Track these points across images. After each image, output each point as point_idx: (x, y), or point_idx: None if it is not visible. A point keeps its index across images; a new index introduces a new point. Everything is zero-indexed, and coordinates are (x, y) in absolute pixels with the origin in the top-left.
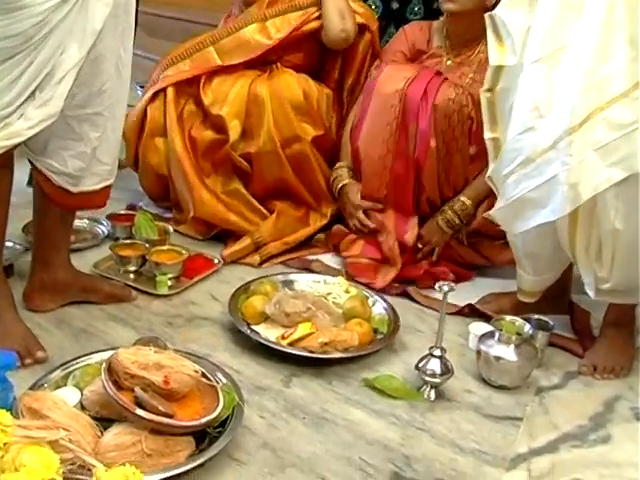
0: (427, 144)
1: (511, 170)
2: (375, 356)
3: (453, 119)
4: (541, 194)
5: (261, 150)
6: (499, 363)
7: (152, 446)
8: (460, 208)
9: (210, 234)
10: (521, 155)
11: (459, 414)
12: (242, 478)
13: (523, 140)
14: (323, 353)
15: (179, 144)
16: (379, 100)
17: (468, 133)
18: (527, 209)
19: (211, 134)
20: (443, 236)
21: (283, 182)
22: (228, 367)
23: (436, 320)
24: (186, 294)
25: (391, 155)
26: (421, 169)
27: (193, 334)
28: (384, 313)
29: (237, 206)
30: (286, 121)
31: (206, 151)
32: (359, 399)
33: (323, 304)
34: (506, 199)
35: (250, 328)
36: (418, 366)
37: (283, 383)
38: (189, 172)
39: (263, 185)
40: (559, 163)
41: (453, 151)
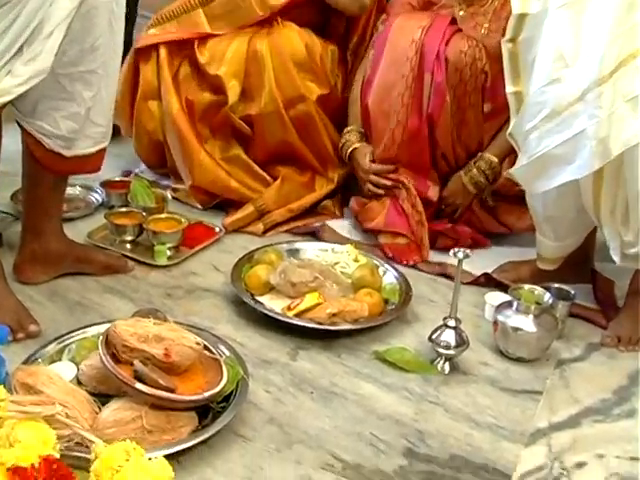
0: (442, 98)
1: (534, 125)
2: (386, 328)
3: (465, 73)
4: (567, 150)
5: (262, 112)
6: (517, 334)
7: (153, 422)
8: (486, 166)
9: (211, 204)
10: (545, 108)
11: (475, 388)
12: (247, 455)
13: (548, 92)
14: (331, 325)
15: (175, 106)
16: (393, 53)
17: (482, 89)
18: (551, 166)
19: (209, 96)
20: (467, 196)
21: (287, 146)
22: (232, 340)
23: (450, 290)
24: (186, 264)
25: (405, 109)
26: (435, 125)
27: (194, 306)
28: (395, 282)
29: (238, 173)
30: (288, 79)
31: (204, 114)
32: (369, 372)
33: (331, 273)
34: (528, 156)
35: (254, 299)
36: (431, 338)
37: (289, 356)
38: (187, 135)
39: (265, 149)
40: (587, 116)
41: (465, 107)
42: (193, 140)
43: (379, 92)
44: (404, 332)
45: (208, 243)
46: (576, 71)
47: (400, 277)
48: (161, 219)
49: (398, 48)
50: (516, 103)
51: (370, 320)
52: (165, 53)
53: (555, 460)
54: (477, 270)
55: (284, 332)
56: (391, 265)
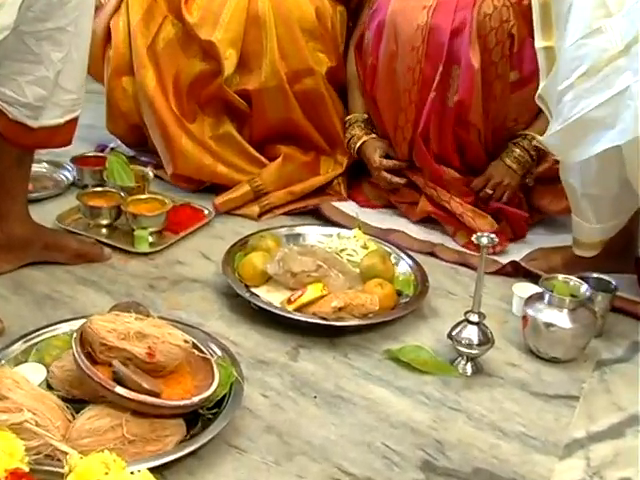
0: (471, 81)
1: (570, 84)
2: (399, 323)
3: (490, 40)
4: (607, 112)
5: (263, 86)
6: (550, 331)
7: (135, 431)
8: (530, 145)
9: (198, 188)
10: (583, 64)
11: (501, 392)
12: (242, 468)
13: (586, 45)
14: (337, 320)
15: (151, 83)
16: (393, 43)
17: (509, 55)
18: (589, 132)
19: (198, 64)
20: (514, 177)
21: (289, 124)
22: (224, 338)
23: (472, 280)
24: (171, 252)
25: (414, 108)
26: (467, 110)
27: (180, 299)
28: (410, 272)
29: (228, 154)
30: (295, 49)
31: (192, 86)
32: (381, 374)
33: (336, 261)
34: (562, 121)
35: (249, 291)
36: (451, 335)
37: (289, 356)
38: (165, 118)
39: (264, 128)
40: (631, 73)
41: (491, 79)
42: (172, 124)
43: (384, 86)
44: (420, 328)
45: (196, 227)
46: (620, 20)
47: (415, 266)
48: (142, 200)
49: (400, 36)
50: (547, 61)
51: (381, 315)
52: (140, 15)
53: (594, 475)
54: (503, 258)
55: (283, 329)
56: (405, 252)
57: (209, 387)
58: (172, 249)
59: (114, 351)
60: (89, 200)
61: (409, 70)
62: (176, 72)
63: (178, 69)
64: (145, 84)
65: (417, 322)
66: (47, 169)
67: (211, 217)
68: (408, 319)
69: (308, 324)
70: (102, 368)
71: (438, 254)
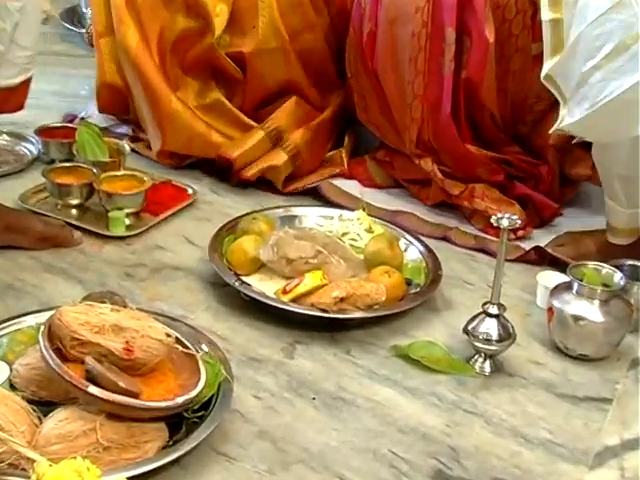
0: (483, 56)
1: (595, 65)
2: (409, 316)
3: (510, 9)
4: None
5: (260, 48)
6: (579, 325)
7: (111, 436)
8: None
9: (182, 163)
10: (610, 42)
11: (524, 393)
12: (231, 478)
13: (610, 21)
14: (338, 312)
15: (133, 40)
16: (392, 4)
17: (531, 26)
18: (623, 114)
19: (182, 20)
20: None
21: (289, 87)
22: (211, 332)
23: (491, 268)
24: (150, 236)
25: (422, 78)
26: (478, 87)
27: (162, 289)
28: (420, 259)
29: (218, 125)
30: (296, 2)
31: (175, 46)
32: (388, 374)
33: (338, 247)
34: (590, 105)
35: (239, 280)
36: (467, 329)
37: (285, 353)
38: (153, 79)
39: (258, 94)
40: None
41: (511, 53)
42: (161, 84)
43: (385, 55)
44: (432, 322)
45: (179, 208)
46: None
47: (427, 252)
48: (117, 177)
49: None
50: (554, 35)
51: (388, 307)
52: None
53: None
54: (527, 243)
55: (278, 322)
56: (415, 237)
57: (194, 387)
58: (152, 233)
59: (87, 346)
60: (57, 177)
61: (413, 36)
62: (160, 29)
63: (162, 25)
64: (126, 42)
65: (429, 315)
66: (8, 142)
67: (196, 197)
68: (418, 311)
69: (306, 317)
70: (73, 366)
71: (452, 239)
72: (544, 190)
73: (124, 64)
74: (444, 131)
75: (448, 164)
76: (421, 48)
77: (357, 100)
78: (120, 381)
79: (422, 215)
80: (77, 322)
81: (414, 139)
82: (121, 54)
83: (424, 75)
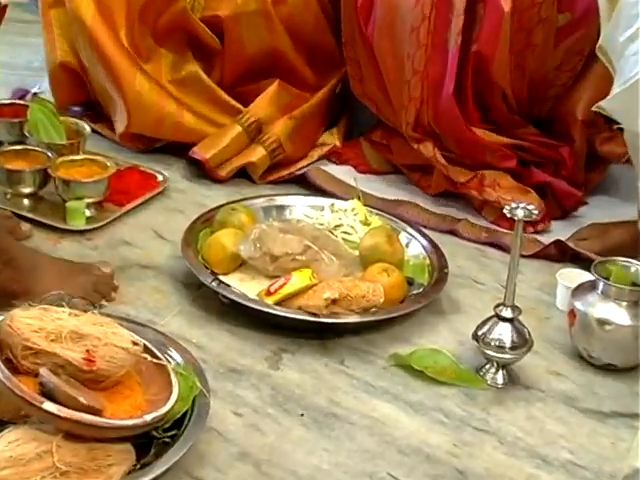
0: (496, 28)
1: (632, 34)
2: (411, 321)
3: None
4: None
5: (238, 12)
6: (604, 330)
7: (69, 459)
8: None
9: (151, 146)
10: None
11: (542, 409)
12: None
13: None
14: (330, 316)
15: (89, 11)
16: None
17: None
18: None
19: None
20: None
21: (273, 57)
22: (185, 339)
23: (505, 265)
24: (115, 229)
25: (423, 52)
26: (490, 60)
27: (128, 291)
28: (424, 255)
29: (193, 102)
30: None
31: (144, 12)
32: (386, 386)
33: (329, 241)
34: (624, 81)
35: (217, 280)
36: (477, 335)
37: (269, 363)
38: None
39: (239, 66)
40: None
41: (532, 25)
42: (122, 60)
43: (383, 22)
44: (437, 327)
45: (147, 198)
46: None
47: (431, 247)
48: (76, 162)
49: None
50: (609, 2)
51: (387, 310)
52: None
53: None
54: (545, 237)
55: (261, 328)
56: (417, 230)
57: (165, 402)
58: (116, 226)
59: (42, 356)
60: (6, 162)
61: (417, 3)
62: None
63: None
64: (80, 14)
65: (433, 319)
66: None
67: (166, 184)
68: (421, 315)
69: (293, 322)
70: (26, 379)
71: (460, 232)
72: (566, 175)
73: (79, 40)
74: (446, 113)
75: (452, 149)
76: (425, 17)
77: (351, 70)
78: (80, 396)
79: (426, 205)
80: (30, 329)
81: (411, 121)
82: (75, 28)
83: (426, 48)
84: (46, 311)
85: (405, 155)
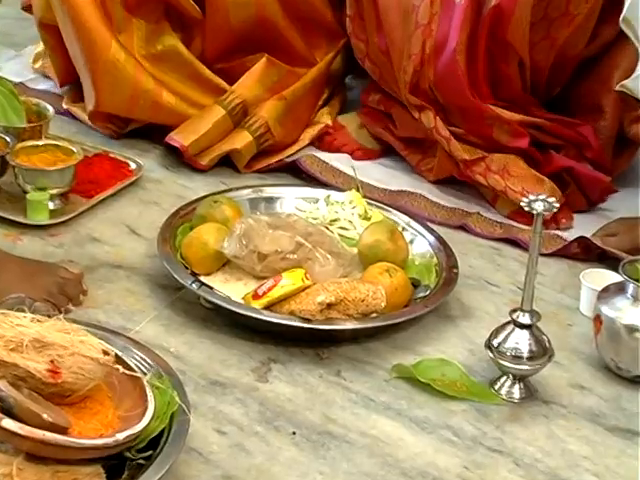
0: None
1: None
2: (416, 327)
3: None
4: None
5: None
6: (634, 338)
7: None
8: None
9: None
10: None
11: (564, 426)
12: None
13: None
14: (325, 322)
15: None
16: None
17: None
18: None
19: None
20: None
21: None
22: (161, 348)
23: (522, 265)
24: (82, 224)
25: (429, 2)
26: (504, 24)
27: (97, 294)
28: (430, 253)
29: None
30: None
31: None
32: (388, 401)
33: (324, 238)
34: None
35: (198, 281)
36: (491, 344)
37: (257, 375)
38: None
39: (222, 39)
40: None
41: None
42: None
43: None
44: (446, 334)
45: (119, 189)
46: None
47: (439, 244)
48: (38, 148)
49: None
50: None
51: (389, 315)
52: None
53: None
54: (568, 233)
55: (247, 335)
56: (424, 225)
57: (140, 419)
58: (83, 220)
59: (0, 368)
60: None
61: None
62: None
63: None
64: None
65: (441, 325)
66: None
67: (141, 173)
68: (428, 321)
69: (283, 328)
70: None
71: (472, 227)
72: (591, 158)
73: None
74: (448, 74)
75: (457, 123)
76: None
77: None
78: (43, 412)
79: (433, 197)
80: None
81: (409, 80)
82: None
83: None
84: (5, 316)
85: (404, 126)
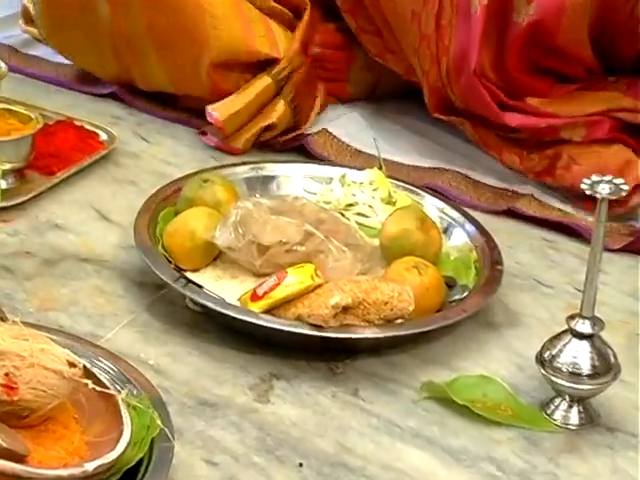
0: None
1: None
2: (451, 336)
3: None
4: None
5: None
6: None
7: None
8: None
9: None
10: None
11: (633, 459)
12: None
13: None
14: (340, 330)
15: None
16: None
17: None
18: None
19: None
20: None
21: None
22: (139, 360)
23: (582, 262)
24: (42, 207)
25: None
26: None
27: (60, 293)
28: (470, 246)
29: None
30: None
31: None
32: (417, 426)
33: (339, 226)
34: None
35: (184, 278)
36: (543, 358)
37: (255, 393)
38: None
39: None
40: None
41: None
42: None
43: None
44: (487, 346)
45: (87, 164)
46: None
47: (479, 235)
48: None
49: None
50: None
51: (418, 321)
52: None
53: None
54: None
55: (245, 345)
56: (461, 211)
57: (113, 446)
58: (43, 202)
59: None
60: None
61: None
62: None
63: None
64: None
65: (482, 334)
66: None
67: (113, 145)
68: (466, 329)
69: (289, 337)
70: None
71: (523, 211)
72: None
73: None
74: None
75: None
76: None
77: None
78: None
79: (474, 174)
80: None
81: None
82: None
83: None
84: None
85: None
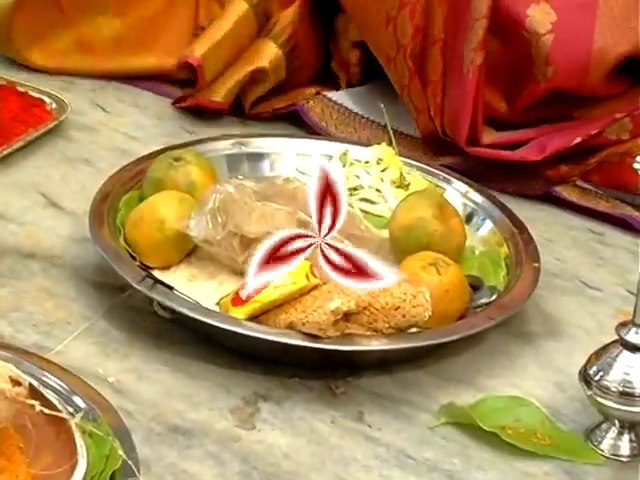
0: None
1: None
2: (476, 349)
3: None
4: None
5: None
6: None
7: None
8: None
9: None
10: None
11: None
12: None
13: None
14: (341, 341)
15: None
16: None
17: None
18: None
19: None
20: None
21: None
22: (96, 377)
23: (634, 259)
24: None
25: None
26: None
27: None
28: (498, 238)
29: None
30: None
31: None
32: (435, 458)
33: None
34: None
35: (151, 277)
36: (588, 374)
37: (238, 417)
38: None
39: None
40: None
41: None
42: None
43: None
44: (521, 360)
45: (32, 139)
46: None
47: (511, 225)
48: None
49: None
50: None
51: (436, 331)
52: None
53: None
54: None
55: (225, 359)
56: (488, 195)
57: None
58: None
59: None
60: None
61: None
62: None
63: None
64: None
65: (514, 347)
66: None
67: (64, 115)
68: (495, 340)
69: (279, 349)
70: None
71: (565, 197)
72: None
73: None
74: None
75: None
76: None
77: None
78: None
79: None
80: None
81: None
82: None
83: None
84: None
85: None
